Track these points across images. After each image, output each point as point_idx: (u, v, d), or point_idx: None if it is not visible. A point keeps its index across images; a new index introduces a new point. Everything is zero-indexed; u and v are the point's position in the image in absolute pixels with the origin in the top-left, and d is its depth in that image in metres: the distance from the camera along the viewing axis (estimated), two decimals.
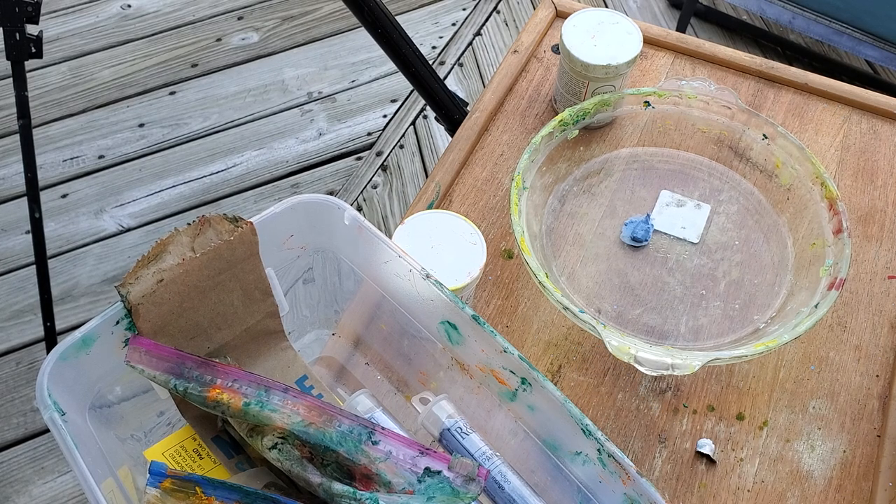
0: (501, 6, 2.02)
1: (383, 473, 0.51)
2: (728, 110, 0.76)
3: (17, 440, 1.39)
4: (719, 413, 0.67)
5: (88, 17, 1.96)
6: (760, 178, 0.77)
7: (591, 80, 0.78)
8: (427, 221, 0.66)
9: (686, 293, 0.72)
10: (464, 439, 0.58)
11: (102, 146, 1.75)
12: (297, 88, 1.85)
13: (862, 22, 1.71)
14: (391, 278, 0.59)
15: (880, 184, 0.80)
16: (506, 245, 0.75)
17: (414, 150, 1.76)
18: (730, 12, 1.99)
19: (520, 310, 0.71)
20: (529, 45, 0.89)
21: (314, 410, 0.52)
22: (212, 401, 0.52)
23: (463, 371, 0.59)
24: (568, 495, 0.55)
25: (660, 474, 0.64)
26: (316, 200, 0.59)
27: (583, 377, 0.68)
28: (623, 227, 0.75)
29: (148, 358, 0.52)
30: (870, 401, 0.68)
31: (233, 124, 1.79)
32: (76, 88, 1.83)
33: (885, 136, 0.84)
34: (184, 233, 0.55)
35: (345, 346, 0.67)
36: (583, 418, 0.52)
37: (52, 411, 0.49)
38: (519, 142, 0.82)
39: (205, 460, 0.56)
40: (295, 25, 1.96)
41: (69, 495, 1.34)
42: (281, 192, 1.69)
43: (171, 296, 0.54)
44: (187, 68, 1.88)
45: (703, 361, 0.61)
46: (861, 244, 0.76)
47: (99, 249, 1.60)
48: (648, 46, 0.90)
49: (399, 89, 1.85)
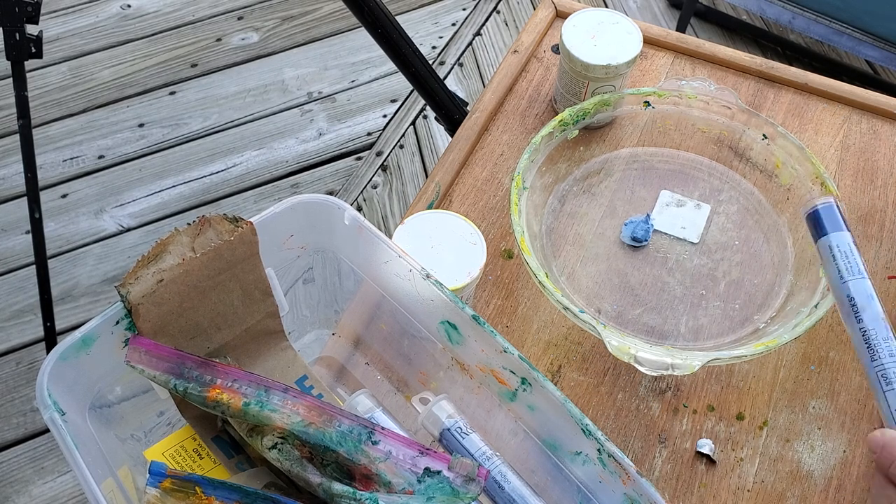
0: (501, 6, 2.02)
1: (383, 473, 0.51)
2: (728, 110, 0.76)
3: (17, 440, 1.39)
4: (719, 413, 0.67)
5: (88, 17, 1.96)
6: (760, 178, 0.77)
7: (591, 80, 0.78)
8: (427, 221, 0.66)
9: (686, 293, 0.72)
10: (464, 439, 0.58)
11: (102, 146, 1.75)
12: (297, 88, 1.85)
13: (862, 22, 1.71)
14: (391, 278, 0.59)
15: (880, 184, 0.80)
16: (506, 245, 0.75)
17: (414, 150, 1.76)
18: (730, 12, 1.99)
19: (520, 310, 0.71)
20: (529, 45, 0.89)
21: (314, 410, 0.52)
22: (212, 401, 0.52)
23: (463, 371, 0.59)
24: (568, 495, 0.55)
25: (660, 474, 0.64)
26: (316, 200, 0.59)
27: (583, 377, 0.68)
28: (623, 227, 0.76)
29: (148, 358, 0.52)
30: (870, 401, 0.68)
31: (233, 124, 1.79)
32: (76, 88, 1.83)
33: (885, 136, 0.84)
34: (184, 233, 0.55)
35: (345, 346, 0.67)
36: (583, 418, 0.52)
37: (52, 411, 0.49)
38: (519, 142, 0.82)
39: (205, 460, 0.56)
40: (295, 25, 1.96)
41: (69, 495, 1.34)
42: (281, 192, 1.69)
43: (171, 296, 0.54)
44: (187, 68, 1.88)
45: (703, 361, 0.61)
46: (861, 244, 0.76)
47: (99, 249, 1.60)
48: (648, 46, 0.90)
49: (399, 89, 1.85)
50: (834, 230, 0.58)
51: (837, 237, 0.58)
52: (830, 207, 0.59)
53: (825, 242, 0.58)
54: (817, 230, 0.59)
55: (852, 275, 0.57)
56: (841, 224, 0.59)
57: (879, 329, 0.55)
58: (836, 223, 0.59)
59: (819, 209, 0.59)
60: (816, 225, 0.59)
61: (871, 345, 0.55)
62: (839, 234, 0.58)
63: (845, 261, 0.57)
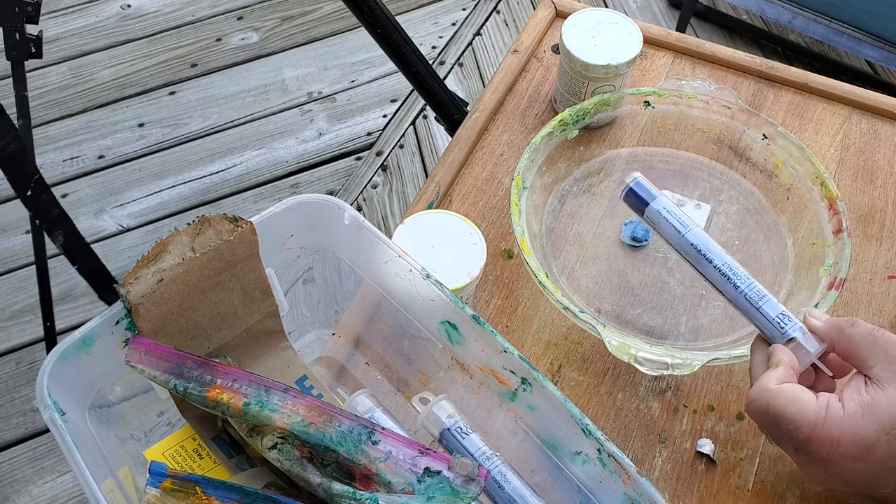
0: (501, 6, 2.02)
1: (383, 473, 0.51)
2: (728, 110, 0.76)
3: (17, 440, 1.39)
4: (719, 413, 0.67)
5: (88, 17, 1.96)
6: (760, 178, 0.77)
7: (591, 80, 0.78)
8: (427, 221, 0.66)
9: (686, 293, 0.72)
10: (464, 439, 0.58)
11: (102, 146, 1.75)
12: (297, 88, 1.85)
13: (862, 22, 1.72)
14: (391, 278, 0.59)
15: (880, 184, 0.80)
16: (506, 245, 0.75)
17: (414, 150, 1.76)
18: (730, 12, 1.99)
19: (520, 310, 0.71)
20: (529, 45, 0.89)
21: (314, 410, 0.52)
22: (212, 401, 0.52)
23: (463, 371, 0.59)
24: (568, 495, 0.55)
25: (660, 474, 0.64)
26: (316, 200, 0.59)
27: (583, 377, 0.68)
28: (623, 227, 0.76)
29: (148, 358, 0.52)
30: None
31: (232, 124, 1.79)
32: (76, 88, 1.83)
33: (885, 136, 0.84)
34: (184, 233, 0.55)
35: (345, 346, 0.67)
36: (583, 418, 0.52)
37: (52, 411, 0.49)
38: (519, 142, 0.82)
39: (205, 460, 0.56)
40: (295, 25, 1.96)
41: (69, 495, 1.34)
42: (281, 192, 1.69)
43: (171, 296, 0.54)
44: (187, 68, 1.88)
45: (703, 361, 0.61)
46: (861, 244, 0.76)
47: (99, 249, 1.59)
48: (648, 46, 0.90)
49: (399, 89, 1.85)
50: (653, 198, 0.64)
51: (659, 202, 0.64)
52: (639, 181, 0.65)
53: (653, 208, 0.64)
54: (640, 202, 0.64)
55: (686, 227, 0.62)
56: (655, 191, 0.64)
57: (729, 262, 0.61)
58: (651, 193, 0.64)
59: (632, 186, 0.65)
60: (637, 199, 0.64)
61: (728, 276, 0.61)
62: (658, 199, 0.64)
63: (675, 218, 0.63)
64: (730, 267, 0.61)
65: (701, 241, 0.62)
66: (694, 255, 0.62)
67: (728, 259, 0.61)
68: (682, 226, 0.62)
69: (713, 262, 0.61)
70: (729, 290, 0.60)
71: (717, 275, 0.61)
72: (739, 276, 0.60)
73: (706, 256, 0.61)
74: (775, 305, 0.59)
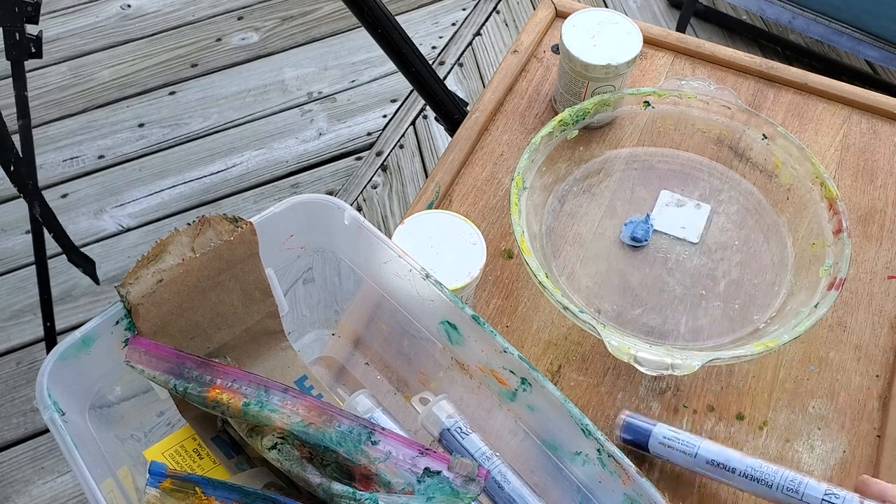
0: (501, 6, 2.02)
1: (383, 473, 0.51)
2: (728, 110, 0.76)
3: (17, 440, 1.39)
4: (719, 413, 0.67)
5: (88, 17, 1.96)
6: (760, 178, 0.77)
7: (590, 80, 0.78)
8: (427, 221, 0.66)
9: (686, 293, 0.72)
10: (464, 439, 0.58)
11: (102, 146, 1.75)
12: (297, 88, 1.85)
13: (862, 22, 1.71)
14: (391, 278, 0.59)
15: (880, 184, 0.80)
16: (506, 245, 0.75)
17: (414, 150, 1.76)
18: (730, 12, 1.99)
19: (520, 310, 0.71)
20: (529, 45, 0.89)
21: (314, 410, 0.52)
22: (211, 401, 0.52)
23: (463, 371, 0.59)
24: (568, 495, 0.55)
25: (660, 474, 0.64)
26: (316, 200, 0.59)
27: (583, 377, 0.68)
28: (623, 227, 0.76)
29: (148, 358, 0.52)
30: (870, 401, 0.68)
31: (233, 124, 1.79)
32: (76, 88, 1.83)
33: (885, 136, 0.84)
34: (184, 233, 0.55)
35: (345, 346, 0.67)
36: (582, 418, 0.52)
37: (52, 411, 0.49)
38: (519, 142, 0.82)
39: (205, 460, 0.56)
40: (295, 25, 1.96)
41: (69, 495, 1.34)
42: (281, 192, 1.69)
43: (170, 296, 0.54)
44: (187, 68, 1.88)
45: (702, 361, 0.61)
46: (861, 244, 0.76)
47: (99, 249, 1.60)
48: (648, 46, 0.90)
49: (399, 89, 1.85)
50: (652, 426, 0.62)
51: (659, 430, 0.62)
52: (632, 415, 0.63)
53: (655, 439, 0.62)
54: (642, 435, 0.62)
55: (694, 446, 0.60)
56: (648, 420, 0.63)
57: (750, 463, 0.59)
58: (647, 421, 0.63)
59: (628, 420, 0.63)
60: (638, 431, 0.62)
61: (757, 478, 0.59)
62: (657, 426, 0.62)
63: (679, 442, 0.61)
64: (753, 468, 0.59)
65: (714, 454, 0.60)
66: (714, 471, 0.60)
67: (748, 460, 0.59)
68: (690, 446, 0.61)
69: (737, 471, 0.59)
70: (762, 490, 0.58)
71: (746, 481, 0.59)
72: (767, 472, 0.58)
73: (727, 467, 0.59)
74: (815, 486, 0.57)
